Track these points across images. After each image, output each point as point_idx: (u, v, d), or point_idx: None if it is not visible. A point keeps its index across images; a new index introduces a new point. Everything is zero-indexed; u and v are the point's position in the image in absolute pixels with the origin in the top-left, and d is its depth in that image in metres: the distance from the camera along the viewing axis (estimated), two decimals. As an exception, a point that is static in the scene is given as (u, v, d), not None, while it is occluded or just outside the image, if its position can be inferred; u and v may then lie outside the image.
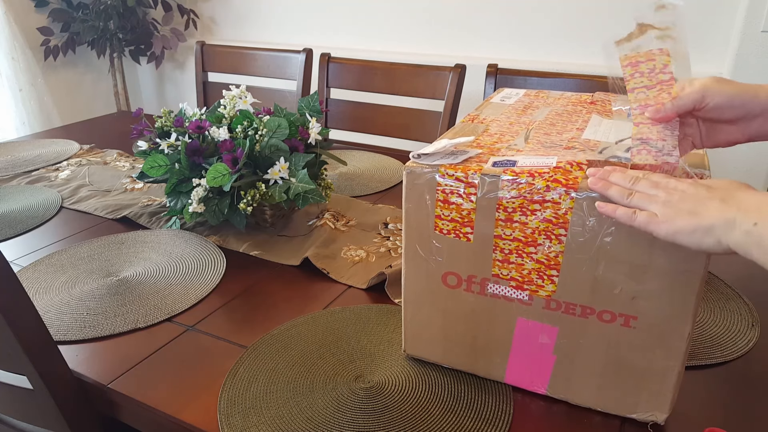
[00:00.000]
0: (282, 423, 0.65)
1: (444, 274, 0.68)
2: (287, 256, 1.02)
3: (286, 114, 1.13)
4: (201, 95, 1.96)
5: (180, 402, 0.69)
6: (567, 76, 1.44)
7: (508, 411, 0.67)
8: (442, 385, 0.71)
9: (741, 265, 0.97)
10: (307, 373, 0.73)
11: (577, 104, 0.84)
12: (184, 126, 1.08)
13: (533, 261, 0.62)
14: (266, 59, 1.85)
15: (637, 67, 0.60)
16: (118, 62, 2.89)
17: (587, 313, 0.62)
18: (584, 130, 0.72)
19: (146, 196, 1.28)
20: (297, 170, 1.03)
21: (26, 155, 1.55)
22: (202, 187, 1.01)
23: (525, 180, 0.59)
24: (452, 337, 0.71)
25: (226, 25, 2.89)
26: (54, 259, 1.02)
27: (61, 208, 1.23)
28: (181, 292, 0.91)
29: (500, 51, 2.27)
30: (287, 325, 0.83)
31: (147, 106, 3.28)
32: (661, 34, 0.58)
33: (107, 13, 2.63)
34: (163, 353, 0.78)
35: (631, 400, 0.64)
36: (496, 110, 0.84)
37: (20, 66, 2.57)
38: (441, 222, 0.65)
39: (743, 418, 0.66)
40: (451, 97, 1.56)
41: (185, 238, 1.08)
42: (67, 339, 0.81)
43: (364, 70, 1.71)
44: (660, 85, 0.59)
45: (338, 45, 2.58)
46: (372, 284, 0.92)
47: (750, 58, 1.84)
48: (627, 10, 2.01)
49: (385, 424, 0.65)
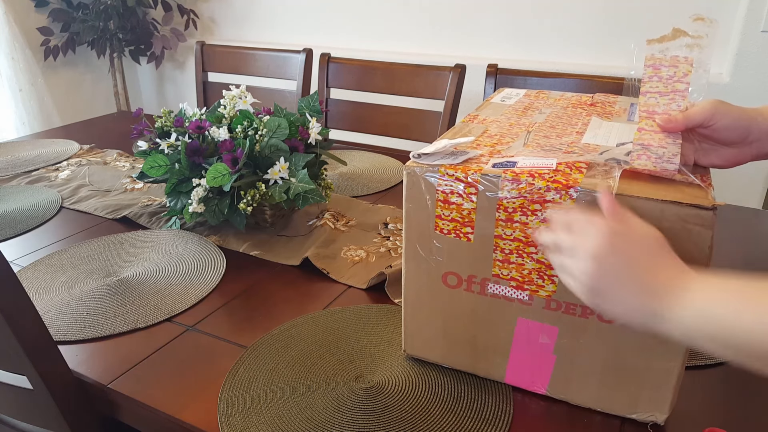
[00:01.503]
0: (282, 423, 0.65)
1: (444, 274, 0.68)
2: (287, 256, 1.02)
3: (286, 114, 1.13)
4: (201, 95, 1.96)
5: (180, 402, 0.69)
6: (567, 76, 1.44)
7: (508, 411, 0.67)
8: (442, 385, 0.71)
9: (741, 265, 0.97)
10: (307, 373, 0.73)
11: (577, 106, 0.84)
12: (184, 126, 1.08)
13: (534, 261, 0.62)
14: (266, 59, 1.85)
15: (658, 71, 0.60)
16: (118, 62, 2.89)
17: (587, 314, 0.62)
18: (584, 134, 0.72)
19: (146, 196, 1.28)
20: (297, 170, 1.03)
21: (26, 155, 1.55)
22: (202, 187, 1.01)
23: (525, 180, 0.59)
24: (452, 337, 0.71)
25: (226, 25, 2.89)
26: (54, 259, 1.02)
27: (61, 208, 1.23)
28: (181, 292, 0.91)
29: (500, 51, 2.28)
30: (287, 325, 0.83)
31: (147, 106, 3.28)
32: (691, 42, 0.58)
33: (107, 13, 2.63)
34: (163, 353, 0.78)
35: (631, 401, 0.64)
36: (496, 111, 0.84)
37: (20, 66, 2.57)
38: (441, 222, 0.65)
39: (743, 418, 0.66)
40: (451, 97, 1.56)
41: (185, 238, 1.08)
42: (67, 339, 0.81)
43: (364, 70, 1.71)
44: (673, 93, 0.59)
45: (338, 45, 2.58)
46: (372, 284, 0.93)
47: (750, 58, 1.84)
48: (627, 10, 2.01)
49: (385, 424, 0.65)
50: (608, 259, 0.50)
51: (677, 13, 1.92)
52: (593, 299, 0.52)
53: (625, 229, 0.52)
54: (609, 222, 0.52)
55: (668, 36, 0.60)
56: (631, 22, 2.02)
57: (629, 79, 0.64)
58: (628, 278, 0.50)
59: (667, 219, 0.55)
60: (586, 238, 0.52)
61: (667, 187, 0.56)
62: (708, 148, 0.63)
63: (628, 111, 0.80)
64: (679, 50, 0.59)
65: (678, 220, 0.54)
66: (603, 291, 0.51)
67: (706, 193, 0.55)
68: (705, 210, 0.53)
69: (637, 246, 0.51)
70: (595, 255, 0.51)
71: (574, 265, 0.53)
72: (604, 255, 0.51)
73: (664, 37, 0.60)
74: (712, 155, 0.63)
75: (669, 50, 0.60)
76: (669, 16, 1.94)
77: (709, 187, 0.57)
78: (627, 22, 2.03)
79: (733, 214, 1.16)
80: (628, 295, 0.50)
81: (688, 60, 0.59)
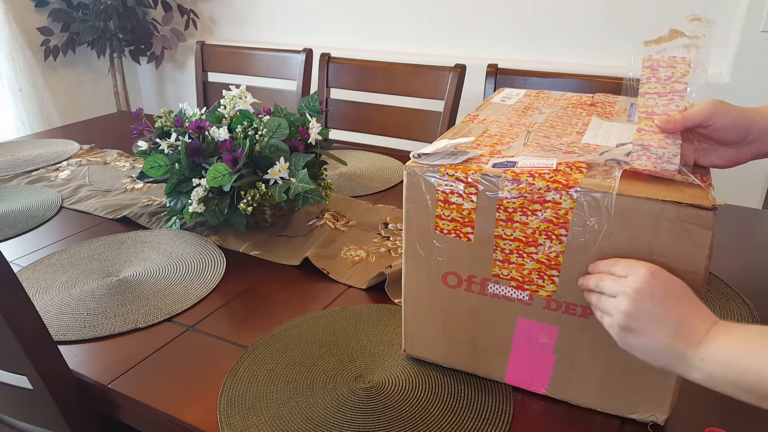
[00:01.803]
0: (282, 423, 0.65)
1: (444, 274, 0.68)
2: (287, 256, 1.02)
3: (286, 114, 1.13)
4: (201, 95, 1.96)
5: (180, 402, 0.69)
6: (567, 76, 1.44)
7: (508, 411, 0.67)
8: (442, 385, 0.71)
9: (741, 265, 0.97)
10: (307, 373, 0.73)
11: (577, 106, 0.84)
12: (184, 126, 1.08)
13: (534, 261, 0.62)
14: (266, 59, 1.85)
15: (656, 72, 0.60)
16: (118, 62, 2.89)
17: (588, 313, 0.62)
18: (584, 134, 0.72)
19: (146, 196, 1.28)
20: (297, 170, 1.03)
21: (26, 155, 1.55)
22: (202, 187, 1.01)
23: (525, 180, 0.59)
24: (452, 337, 0.71)
25: (226, 25, 2.89)
26: (54, 259, 1.02)
27: (61, 208, 1.23)
28: (181, 292, 0.91)
29: (500, 51, 2.28)
30: (287, 325, 0.83)
31: (147, 106, 3.28)
32: (689, 43, 0.59)
33: (107, 13, 2.63)
34: (163, 353, 0.78)
35: (631, 401, 0.64)
36: (497, 111, 0.84)
37: (20, 66, 2.57)
38: (441, 222, 0.65)
39: (743, 418, 0.66)
40: (451, 97, 1.56)
41: (185, 238, 1.08)
42: (67, 339, 0.81)
43: (364, 70, 1.71)
44: (672, 94, 0.59)
45: (338, 45, 2.58)
46: (372, 284, 0.93)
47: (750, 58, 1.84)
48: (627, 10, 2.01)
49: (385, 424, 0.65)
50: (645, 300, 0.53)
51: (677, 12, 1.92)
52: (624, 336, 0.55)
53: (663, 273, 0.54)
54: (649, 266, 0.54)
55: (665, 37, 0.60)
56: (631, 22, 2.02)
57: (628, 79, 0.64)
58: (663, 320, 0.52)
59: (667, 219, 0.55)
60: (626, 279, 0.55)
61: (667, 187, 0.56)
62: (708, 148, 0.63)
63: (628, 111, 0.80)
64: (677, 51, 0.59)
65: (678, 220, 0.54)
66: (635, 329, 0.53)
67: (706, 193, 0.55)
68: (705, 210, 0.53)
69: (672, 290, 0.54)
70: (634, 294, 0.53)
71: (610, 303, 0.55)
72: (642, 295, 0.53)
73: (661, 38, 0.60)
74: (712, 155, 0.63)
75: (666, 51, 0.60)
76: (669, 15, 1.94)
77: (709, 187, 0.57)
78: (627, 22, 2.03)
79: (733, 214, 1.16)
80: (660, 336, 0.52)
81: (686, 60, 0.59)
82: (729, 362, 0.48)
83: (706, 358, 0.49)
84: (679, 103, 0.59)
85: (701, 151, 0.63)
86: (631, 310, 0.53)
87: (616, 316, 0.54)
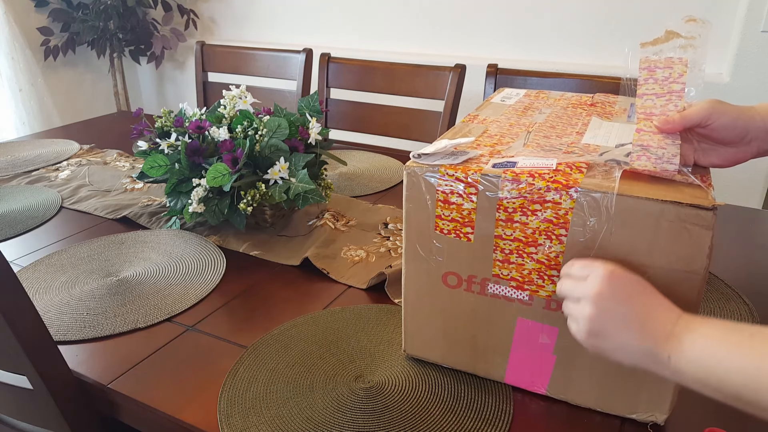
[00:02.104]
0: (282, 423, 0.65)
1: (444, 274, 0.68)
2: (287, 256, 1.02)
3: (286, 114, 1.13)
4: (201, 95, 1.96)
5: (180, 402, 0.69)
6: (567, 76, 1.44)
7: (508, 411, 0.67)
8: (442, 385, 0.71)
9: (741, 265, 0.97)
10: (307, 373, 0.73)
11: (577, 106, 0.84)
12: (184, 126, 1.08)
13: (534, 261, 0.62)
14: (266, 59, 1.85)
15: (653, 73, 0.60)
16: (118, 62, 2.89)
17: (587, 314, 0.62)
18: (584, 134, 0.72)
19: (146, 196, 1.28)
20: (297, 170, 1.03)
21: (26, 155, 1.55)
22: (202, 187, 1.01)
23: (525, 180, 0.59)
24: (452, 337, 0.71)
25: (226, 25, 2.89)
26: (54, 259, 1.02)
27: (61, 208, 1.23)
28: (181, 292, 0.91)
29: (500, 51, 2.28)
30: (287, 325, 0.83)
31: (147, 106, 3.28)
32: (685, 43, 0.59)
33: (107, 13, 2.63)
34: (163, 353, 0.78)
35: (631, 401, 0.64)
36: (497, 111, 0.84)
37: (20, 66, 2.57)
38: (441, 222, 0.65)
39: (743, 418, 0.66)
40: (451, 97, 1.56)
41: (185, 238, 1.08)
42: (67, 339, 0.81)
43: (364, 70, 1.71)
44: (669, 95, 0.59)
45: (338, 45, 2.58)
46: (372, 284, 0.93)
47: (750, 58, 1.84)
48: (626, 10, 2.01)
49: (385, 424, 0.65)
50: (607, 301, 0.53)
51: (677, 12, 1.92)
52: (592, 341, 0.54)
53: (621, 272, 0.54)
54: (606, 266, 0.54)
55: (661, 38, 0.60)
56: (631, 22, 2.02)
57: (626, 79, 0.64)
58: (627, 319, 0.52)
59: (667, 219, 0.55)
60: (586, 282, 0.54)
61: (667, 188, 0.56)
62: (707, 148, 0.63)
63: (627, 111, 0.80)
64: (673, 52, 0.59)
65: (678, 220, 0.54)
66: (602, 332, 0.53)
67: (706, 193, 0.55)
68: (705, 210, 0.53)
69: (632, 287, 0.53)
70: (595, 297, 0.53)
71: (576, 309, 0.55)
72: (603, 298, 0.53)
73: (658, 39, 0.60)
74: (712, 155, 0.63)
75: (663, 52, 0.60)
76: (669, 15, 1.94)
77: (709, 187, 0.57)
78: (627, 22, 2.03)
79: (733, 214, 1.16)
80: (627, 337, 0.52)
81: (683, 61, 0.59)
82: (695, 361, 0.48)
83: (672, 356, 0.49)
84: (678, 104, 0.59)
85: (701, 151, 0.63)
86: (595, 314, 0.53)
87: (581, 323, 0.54)
